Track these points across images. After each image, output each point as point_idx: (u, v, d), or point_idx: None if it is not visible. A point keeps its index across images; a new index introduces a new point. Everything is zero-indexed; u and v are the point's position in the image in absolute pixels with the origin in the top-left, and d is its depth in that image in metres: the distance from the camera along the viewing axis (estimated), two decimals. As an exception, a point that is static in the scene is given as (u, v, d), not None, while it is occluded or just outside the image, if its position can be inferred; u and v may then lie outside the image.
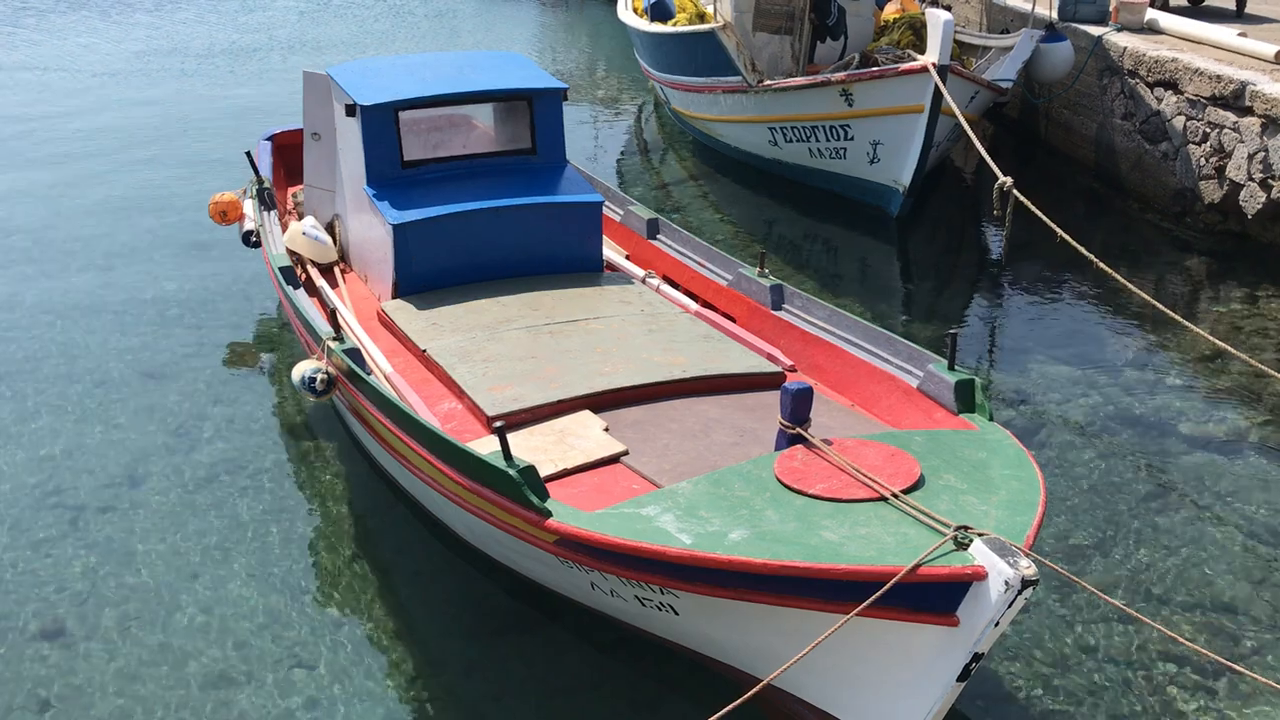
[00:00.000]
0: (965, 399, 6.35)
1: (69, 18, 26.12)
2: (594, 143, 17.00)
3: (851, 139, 13.01)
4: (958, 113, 11.43)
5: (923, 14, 15.78)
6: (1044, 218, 9.18)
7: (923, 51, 13.93)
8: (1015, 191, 9.54)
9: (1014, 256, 11.69)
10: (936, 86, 11.84)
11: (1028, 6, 15.57)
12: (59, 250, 12.19)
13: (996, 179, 9.67)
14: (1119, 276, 8.75)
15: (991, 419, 6.19)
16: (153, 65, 21.47)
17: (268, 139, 11.54)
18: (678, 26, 15.90)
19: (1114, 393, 9.27)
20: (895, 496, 5.06)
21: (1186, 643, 5.41)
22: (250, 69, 21.11)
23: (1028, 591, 4.39)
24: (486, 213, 8.50)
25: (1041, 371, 9.64)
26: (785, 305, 8.03)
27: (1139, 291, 8.81)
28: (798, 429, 5.70)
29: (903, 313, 11.15)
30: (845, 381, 7.26)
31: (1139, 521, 7.58)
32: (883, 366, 7.05)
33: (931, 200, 13.95)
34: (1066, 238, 9.01)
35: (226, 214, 10.45)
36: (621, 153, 16.75)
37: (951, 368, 6.51)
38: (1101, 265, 8.59)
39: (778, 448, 5.80)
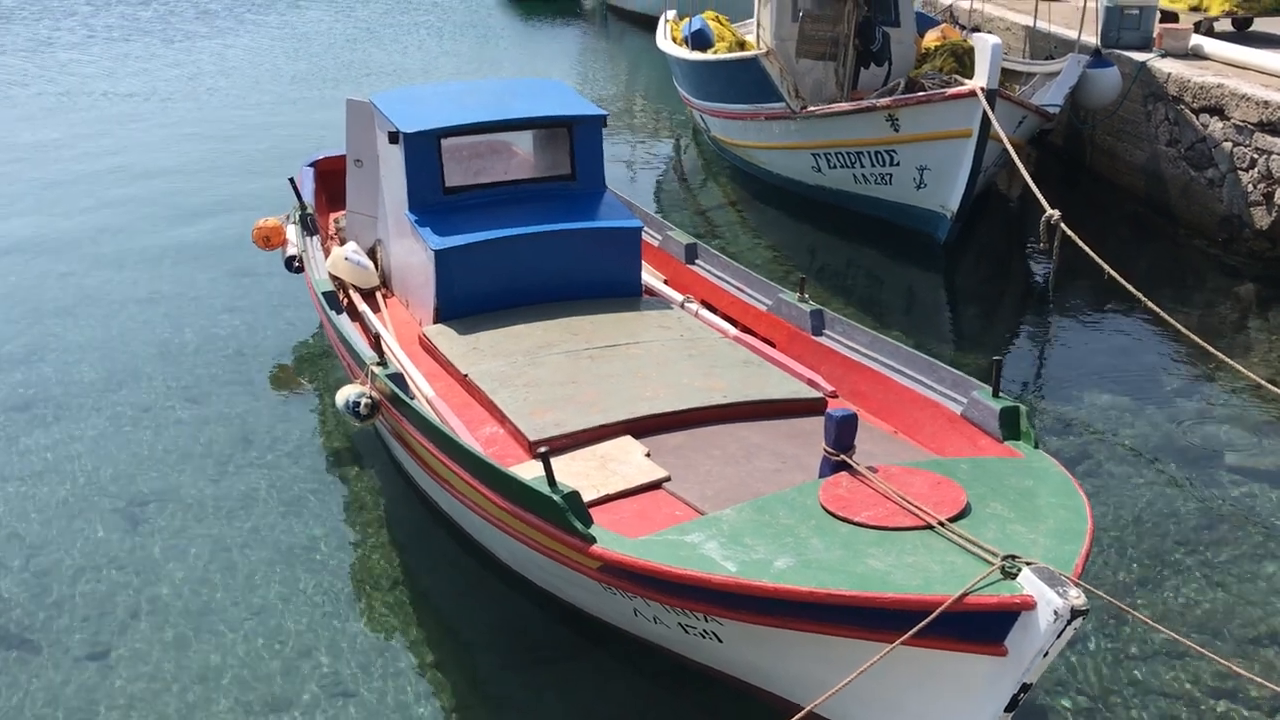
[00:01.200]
0: (1010, 426, 6.28)
1: (133, 45, 26.60)
2: (633, 169, 17.05)
3: (897, 164, 12.96)
4: (1004, 138, 11.35)
5: (964, 41, 15.78)
6: (1091, 253, 9.09)
7: (965, 78, 13.91)
8: (1063, 225, 9.47)
9: (1060, 284, 11.58)
10: (985, 111, 11.76)
11: (1071, 33, 15.50)
12: (104, 274, 12.35)
13: (1043, 209, 9.60)
14: (1166, 315, 8.65)
15: (1037, 447, 6.12)
16: (201, 90, 21.82)
17: (310, 165, 11.65)
18: (718, 54, 15.95)
19: (1161, 421, 9.14)
20: (942, 525, 5.00)
21: (1243, 673, 5.30)
22: (295, 95, 21.38)
23: (1077, 622, 4.33)
24: (527, 238, 8.53)
25: (1087, 399, 9.52)
26: (826, 330, 7.98)
27: (1185, 330, 8.70)
28: (842, 456, 5.65)
29: (946, 339, 11.06)
30: (888, 408, 7.20)
31: (1189, 552, 7.45)
32: (926, 393, 6.99)
33: (977, 226, 13.86)
34: (1114, 274, 8.92)
35: (270, 239, 10.56)
36: (660, 179, 16.78)
37: (996, 394, 6.44)
38: (1150, 304, 8.52)
39: (822, 475, 5.76)
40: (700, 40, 16.58)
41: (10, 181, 15.85)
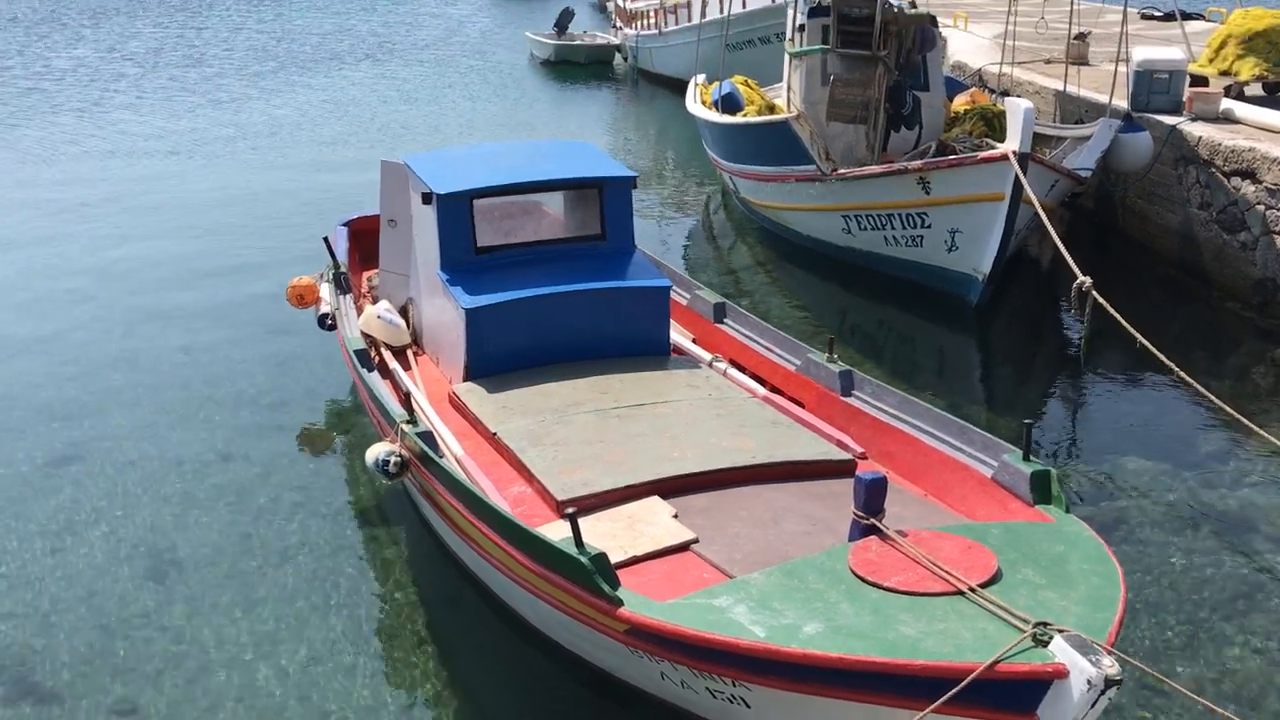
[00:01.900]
0: (1041, 491, 6.23)
1: (181, 104, 27.22)
2: (662, 229, 17.16)
3: (929, 227, 12.98)
4: (1035, 203, 11.36)
5: (994, 105, 15.85)
6: (1123, 321, 9.06)
7: (996, 141, 13.95)
8: (1094, 293, 9.45)
9: (1092, 348, 11.50)
10: (1017, 175, 11.78)
11: (1099, 97, 15.54)
12: (142, 327, 12.50)
13: (1075, 275, 9.58)
14: (1199, 386, 8.60)
15: (1068, 511, 6.06)
16: (245, 149, 22.25)
17: (344, 225, 11.79)
18: (748, 117, 16.09)
19: (1195, 488, 9.03)
20: (973, 591, 4.95)
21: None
22: (333, 155, 21.71)
23: (1111, 691, 4.27)
24: (556, 297, 8.58)
25: (1119, 464, 9.43)
26: (855, 391, 7.96)
27: (1218, 401, 8.63)
28: (872, 520, 5.61)
29: (977, 401, 11.00)
30: (918, 470, 7.15)
31: (1224, 619, 7.32)
32: (956, 456, 6.95)
33: (1009, 288, 13.82)
34: (1145, 343, 8.89)
35: (303, 297, 10.67)
36: (689, 240, 16.87)
37: (1027, 458, 6.40)
38: (1182, 374, 8.48)
39: (851, 538, 5.72)
40: (730, 103, 16.74)
41: (57, 236, 16.19)
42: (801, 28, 15.45)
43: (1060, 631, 4.44)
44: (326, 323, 10.16)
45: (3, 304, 13.46)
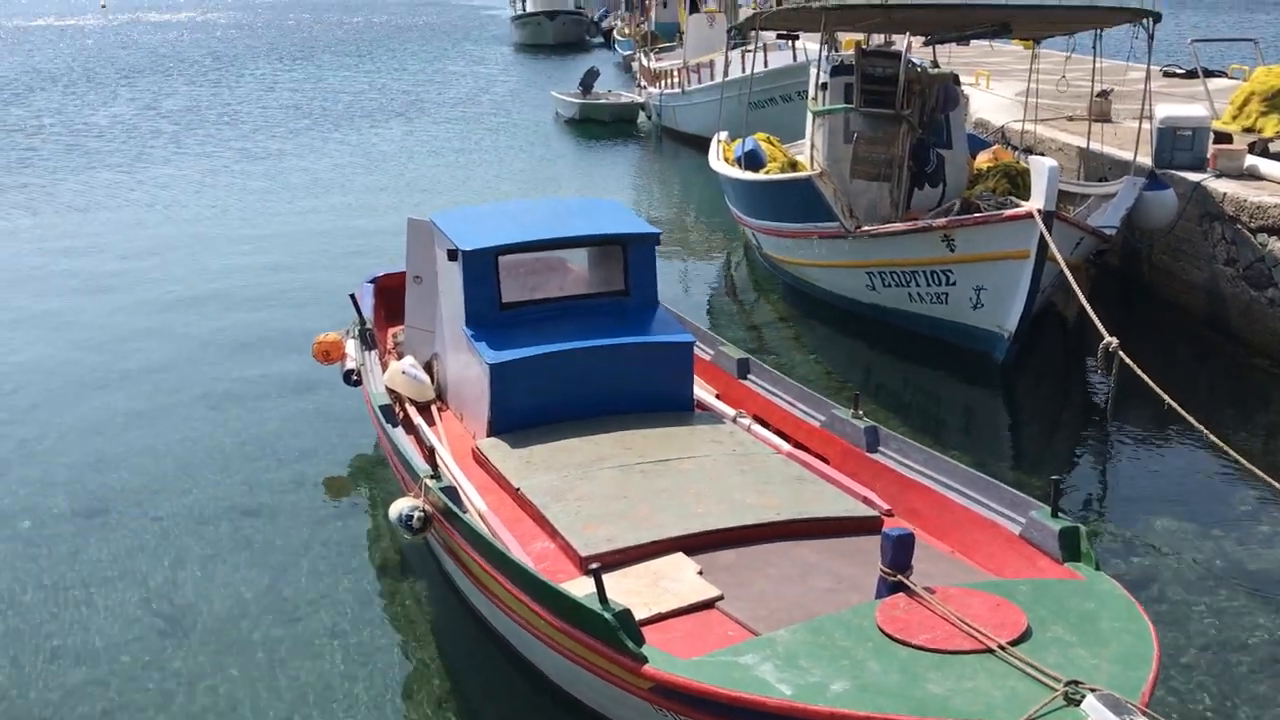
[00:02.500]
0: (1070, 547, 6.17)
1: (216, 161, 27.69)
2: (685, 284, 17.22)
3: (954, 284, 12.97)
4: (1061, 261, 11.35)
5: (1017, 162, 15.90)
6: (1150, 382, 9.01)
7: (1019, 199, 13.97)
8: (1121, 353, 9.41)
9: (1120, 406, 11.40)
10: (1042, 233, 11.77)
11: (1122, 154, 15.56)
12: (168, 381, 12.59)
13: (1101, 335, 9.54)
14: (1228, 447, 8.53)
15: (1098, 569, 5.99)
16: (280, 204, 22.62)
17: (371, 281, 11.89)
18: (770, 174, 16.18)
19: (1227, 547, 8.91)
20: (1002, 649, 4.90)
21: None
22: (360, 212, 21.94)
23: (1145, 752, 4.19)
24: (580, 352, 8.60)
25: (1148, 522, 9.32)
26: (881, 447, 7.93)
27: (1247, 464, 8.54)
28: (899, 576, 5.57)
29: (1003, 458, 10.92)
30: (944, 527, 7.09)
31: (1260, 680, 7.19)
32: (983, 512, 6.89)
33: (1035, 344, 13.77)
34: (1173, 404, 8.83)
35: (329, 354, 10.73)
36: (712, 295, 16.92)
37: (1055, 514, 6.34)
38: (1212, 436, 8.42)
39: (878, 595, 5.67)
40: (753, 160, 16.86)
41: (89, 287, 16.44)
42: (824, 86, 15.58)
43: (1092, 690, 4.38)
44: (352, 378, 10.20)
45: (37, 353, 13.61)
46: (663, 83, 32.78)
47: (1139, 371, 9.23)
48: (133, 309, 15.54)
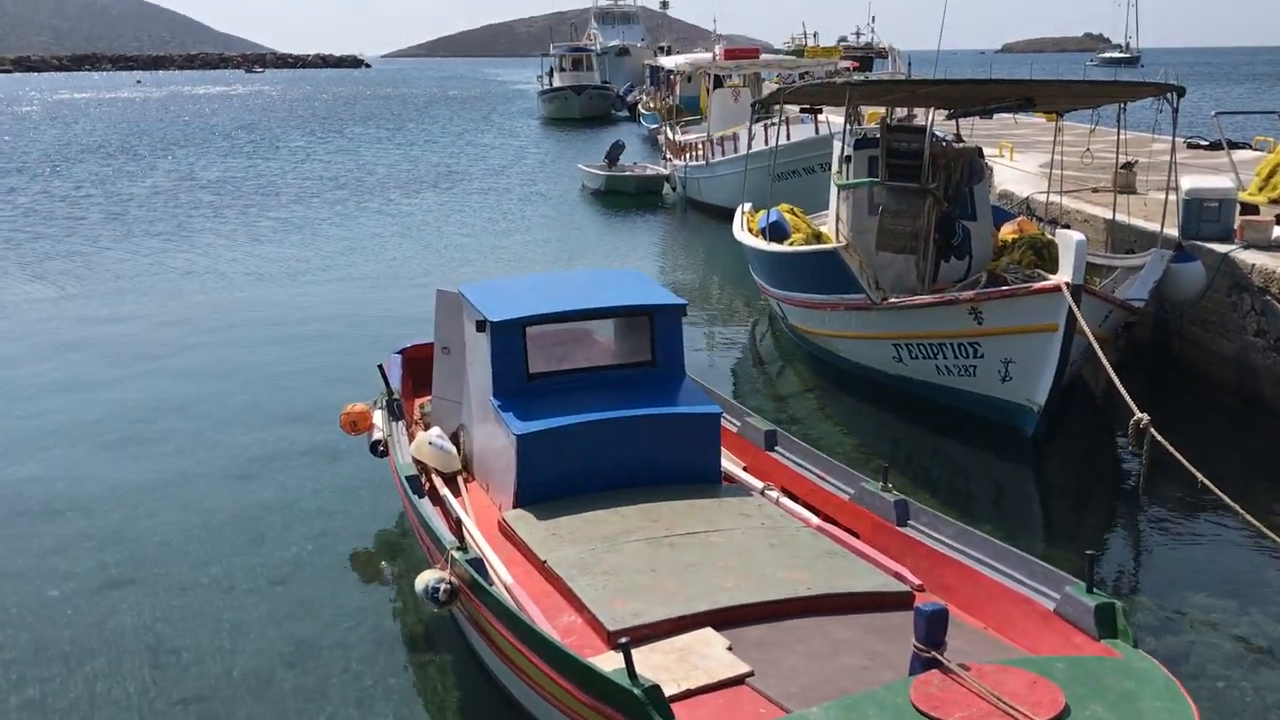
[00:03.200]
0: (1107, 624, 6.06)
1: (257, 230, 28.25)
2: (711, 355, 17.22)
3: (982, 357, 12.91)
4: (1089, 334, 11.29)
5: (1042, 234, 15.90)
6: (1183, 460, 8.92)
7: (1045, 271, 13.95)
8: (1153, 430, 9.33)
9: (1153, 481, 11.27)
10: (1070, 306, 11.72)
11: (1147, 225, 15.56)
12: (196, 450, 12.63)
13: (1132, 410, 9.46)
14: (1264, 527, 8.42)
15: (1136, 646, 5.88)
16: (314, 272, 22.97)
17: (399, 352, 11.95)
18: (795, 246, 16.24)
19: (1267, 625, 8.73)
20: (1040, 729, 4.79)
21: None
22: (390, 282, 22.17)
23: (1191, 838, 4.07)
24: (607, 423, 8.59)
25: (1184, 599, 9.15)
26: (911, 521, 7.85)
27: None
28: (933, 653, 5.48)
29: (1036, 533, 10.77)
30: (977, 603, 6.99)
31: (1305, 765, 7.01)
32: (1016, 588, 6.80)
33: (1065, 417, 13.66)
34: (1207, 482, 8.74)
35: (356, 424, 10.76)
36: (738, 365, 16.91)
37: (1090, 590, 6.24)
38: (1246, 515, 8.32)
39: (912, 672, 5.57)
40: (777, 231, 16.94)
41: (125, 355, 16.64)
42: (848, 158, 15.69)
43: (1134, 774, 4.27)
44: (379, 449, 10.21)
45: (69, 418, 13.71)
46: (688, 155, 33.12)
47: (1172, 450, 9.15)
48: (165, 376, 15.69)
